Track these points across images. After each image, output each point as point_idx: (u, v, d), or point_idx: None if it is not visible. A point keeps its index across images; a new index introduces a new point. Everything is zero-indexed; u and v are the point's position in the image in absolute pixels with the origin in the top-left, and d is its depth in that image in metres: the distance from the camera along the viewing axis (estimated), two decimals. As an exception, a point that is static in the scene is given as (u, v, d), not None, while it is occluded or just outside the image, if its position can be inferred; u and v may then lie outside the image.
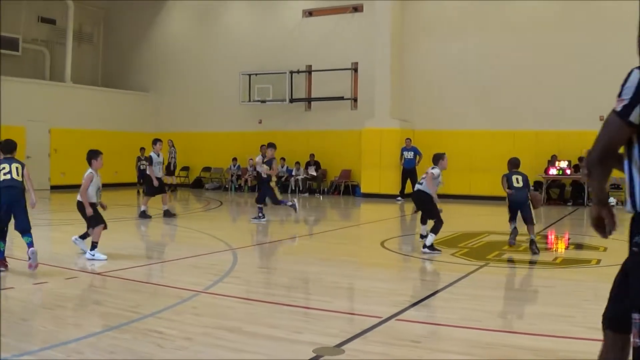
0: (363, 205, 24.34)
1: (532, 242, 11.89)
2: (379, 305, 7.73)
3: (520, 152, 23.88)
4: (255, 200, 17.42)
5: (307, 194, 28.04)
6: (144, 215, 17.56)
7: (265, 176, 17.10)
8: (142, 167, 25.39)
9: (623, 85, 3.34)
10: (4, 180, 9.73)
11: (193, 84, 32.40)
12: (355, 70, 28.41)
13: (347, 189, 28.11)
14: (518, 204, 12.36)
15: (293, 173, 28.74)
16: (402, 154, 24.80)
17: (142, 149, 25.97)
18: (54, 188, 26.56)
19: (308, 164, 28.66)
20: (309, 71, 29.55)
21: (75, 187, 27.87)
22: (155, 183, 17.76)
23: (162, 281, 9.24)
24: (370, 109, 26.68)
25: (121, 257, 11.03)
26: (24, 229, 9.72)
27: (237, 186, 30.10)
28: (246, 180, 29.71)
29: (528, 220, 12.12)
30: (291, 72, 29.19)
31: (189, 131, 31.46)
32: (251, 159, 27.14)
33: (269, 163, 16.95)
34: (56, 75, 32.27)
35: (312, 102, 29.50)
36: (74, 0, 32.09)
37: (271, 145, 17.25)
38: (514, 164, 12.98)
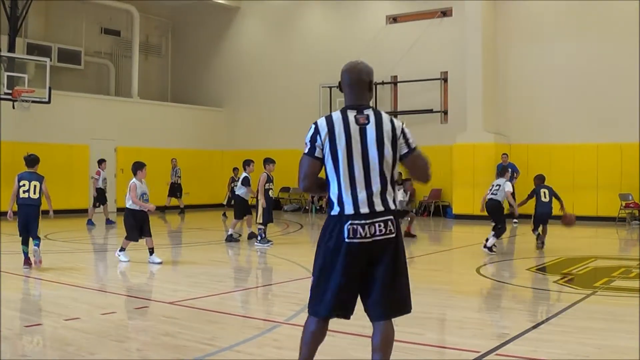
0: (455, 227, 24.17)
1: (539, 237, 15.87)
2: (476, 338, 7.63)
3: (629, 166, 23.46)
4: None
5: (394, 216, 27.91)
6: (230, 239, 17.72)
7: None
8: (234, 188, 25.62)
9: None
10: (22, 198, 12.62)
11: (269, 98, 32.66)
12: (445, 80, 28.27)
13: (437, 209, 27.97)
14: (545, 216, 16.00)
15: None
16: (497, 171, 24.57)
17: (235, 169, 25.93)
18: (120, 210, 26.95)
19: (395, 183, 28.51)
20: (394, 82, 29.52)
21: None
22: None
23: (240, 311, 9.29)
24: (462, 122, 26.49)
25: (195, 284, 11.17)
26: (34, 237, 12.77)
27: (317, 207, 30.14)
28: (321, 198, 29.79)
29: (545, 230, 16.11)
30: (375, 84, 29.12)
31: (265, 148, 31.33)
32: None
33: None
34: (122, 90, 32.91)
35: (398, 116, 29.39)
36: (140, 10, 32.70)
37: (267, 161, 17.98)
38: (541, 179, 16.84)
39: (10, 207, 12.73)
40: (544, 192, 15.99)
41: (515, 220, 24.27)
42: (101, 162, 23.37)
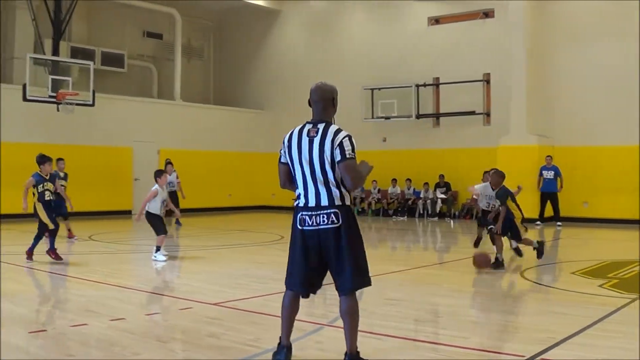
0: (498, 230, 23.93)
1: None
2: (520, 342, 7.57)
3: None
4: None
5: (436, 218, 27.89)
6: None
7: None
8: None
9: None
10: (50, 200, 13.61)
11: (311, 100, 32.52)
12: (488, 82, 28.10)
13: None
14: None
15: (421, 195, 28.62)
16: (540, 174, 24.38)
17: None
18: (182, 211, 27.12)
19: (437, 186, 28.47)
20: (436, 84, 29.42)
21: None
22: None
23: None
24: (505, 124, 26.30)
25: (238, 286, 11.22)
26: None
27: (360, 210, 30.09)
28: (369, 204, 29.76)
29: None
30: (417, 86, 29.10)
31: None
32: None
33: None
34: (164, 93, 33.13)
35: (440, 118, 29.34)
36: (182, 13, 32.88)
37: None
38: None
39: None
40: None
41: (559, 223, 24.10)
42: (166, 165, 23.27)
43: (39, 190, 13.47)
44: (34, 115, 25.47)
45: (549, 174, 24.22)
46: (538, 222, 24.18)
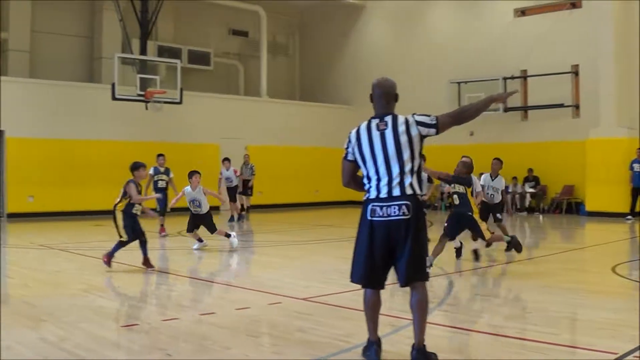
0: (588, 225, 23.51)
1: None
2: (613, 339, 7.32)
3: None
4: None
5: (525, 213, 27.50)
6: None
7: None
8: None
9: None
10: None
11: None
12: (576, 73, 27.49)
13: (569, 206, 27.26)
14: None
15: (509, 190, 28.25)
16: (631, 167, 23.82)
17: None
18: (252, 208, 27.37)
19: (526, 180, 28.07)
20: (523, 76, 28.96)
21: (274, 207, 28.80)
22: None
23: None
24: (594, 117, 25.71)
25: (328, 281, 11.21)
26: None
27: (447, 205, 29.78)
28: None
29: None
30: (504, 79, 28.68)
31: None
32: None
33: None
34: (250, 90, 33.40)
35: (528, 111, 28.89)
36: (267, 10, 33.07)
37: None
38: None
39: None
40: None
41: (628, 217, 23.51)
42: (223, 161, 23.71)
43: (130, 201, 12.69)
44: (123, 113, 25.92)
45: (640, 167, 23.69)
46: (629, 217, 23.60)
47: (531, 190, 27.81)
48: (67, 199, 25.37)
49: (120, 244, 12.36)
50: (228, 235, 15.48)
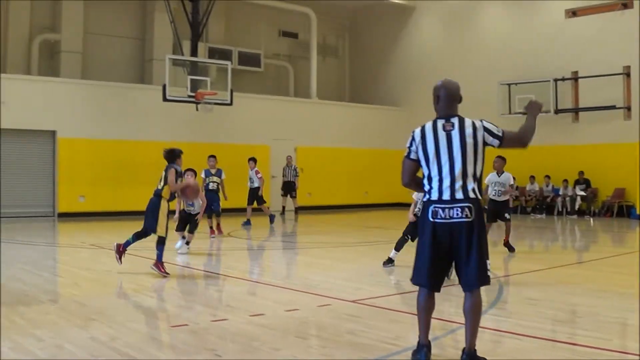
0: (640, 228, 23.19)
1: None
2: (668, 346, 7.18)
3: None
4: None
5: (575, 216, 27.17)
6: None
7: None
8: None
9: None
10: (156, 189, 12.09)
11: (447, 96, 32.21)
12: (628, 74, 27.03)
13: (620, 210, 26.85)
14: None
15: (560, 192, 27.94)
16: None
17: None
18: (301, 209, 27.40)
19: (576, 182, 27.74)
20: (575, 78, 28.58)
21: (323, 208, 28.83)
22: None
23: (421, 310, 9.20)
24: (647, 119, 25.28)
25: (377, 283, 11.19)
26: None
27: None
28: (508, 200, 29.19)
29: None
30: (555, 80, 28.36)
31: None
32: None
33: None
34: (300, 91, 33.48)
35: (579, 113, 28.54)
36: (317, 12, 33.11)
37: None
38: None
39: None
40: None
41: None
42: (249, 161, 22.91)
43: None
44: (174, 114, 26.13)
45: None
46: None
47: (582, 193, 27.47)
48: (117, 199, 25.62)
49: (161, 241, 11.86)
50: (183, 237, 15.07)
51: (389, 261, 12.81)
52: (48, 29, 28.10)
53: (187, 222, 15.14)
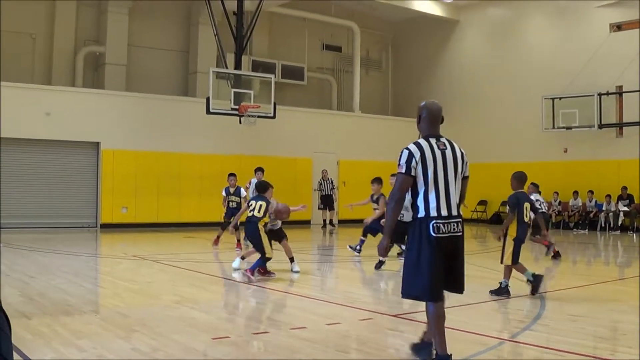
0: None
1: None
2: None
3: None
4: None
5: (618, 232, 26.86)
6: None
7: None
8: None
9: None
10: (248, 216, 13.01)
11: (490, 110, 32.20)
12: (673, 89, 26.75)
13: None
14: None
15: (603, 208, 27.67)
16: None
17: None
18: (342, 222, 27.38)
19: (620, 198, 27.45)
20: (619, 92, 28.30)
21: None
22: None
23: (462, 326, 9.13)
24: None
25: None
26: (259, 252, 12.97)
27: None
28: (550, 216, 28.97)
29: None
30: (599, 94, 28.10)
31: (487, 162, 30.62)
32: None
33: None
34: (343, 105, 33.53)
35: (623, 128, 28.25)
36: (360, 25, 33.19)
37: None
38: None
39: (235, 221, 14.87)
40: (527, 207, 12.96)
41: None
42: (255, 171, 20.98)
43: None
44: (217, 127, 26.28)
45: None
46: None
47: (625, 208, 27.17)
48: (160, 211, 25.85)
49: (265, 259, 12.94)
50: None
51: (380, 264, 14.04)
52: (93, 42, 28.46)
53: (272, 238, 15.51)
